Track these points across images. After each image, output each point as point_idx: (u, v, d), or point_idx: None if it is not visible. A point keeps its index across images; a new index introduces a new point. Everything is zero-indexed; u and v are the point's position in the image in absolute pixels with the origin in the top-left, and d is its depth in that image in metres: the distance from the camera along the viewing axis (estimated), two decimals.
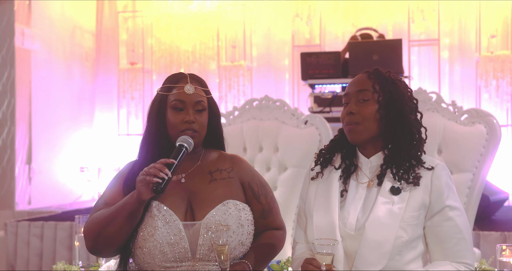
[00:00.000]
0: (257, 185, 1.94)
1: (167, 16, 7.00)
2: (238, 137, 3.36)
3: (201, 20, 6.89)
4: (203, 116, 1.87)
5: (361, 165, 1.88)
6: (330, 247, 1.60)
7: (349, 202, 1.83)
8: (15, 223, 4.60)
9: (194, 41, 6.88)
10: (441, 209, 1.78)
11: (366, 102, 1.82)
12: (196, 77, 1.94)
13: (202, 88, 1.90)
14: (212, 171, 1.90)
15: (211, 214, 1.80)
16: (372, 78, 1.85)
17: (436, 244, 1.79)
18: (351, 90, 1.86)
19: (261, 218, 1.92)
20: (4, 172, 5.65)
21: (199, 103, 1.86)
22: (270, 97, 3.39)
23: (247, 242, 1.85)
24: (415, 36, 6.47)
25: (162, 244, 1.76)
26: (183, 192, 1.85)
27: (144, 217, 1.79)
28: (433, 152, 2.97)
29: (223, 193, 1.86)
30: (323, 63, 4.25)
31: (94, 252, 1.83)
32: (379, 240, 1.73)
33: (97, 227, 1.77)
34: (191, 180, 1.88)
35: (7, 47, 5.71)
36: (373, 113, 1.81)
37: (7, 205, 5.61)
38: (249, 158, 3.34)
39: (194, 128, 1.83)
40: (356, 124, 1.81)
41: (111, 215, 1.76)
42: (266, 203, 1.94)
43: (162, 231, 1.76)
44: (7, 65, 5.69)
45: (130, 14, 7.17)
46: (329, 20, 6.57)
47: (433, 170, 1.81)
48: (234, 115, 3.43)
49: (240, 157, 2.02)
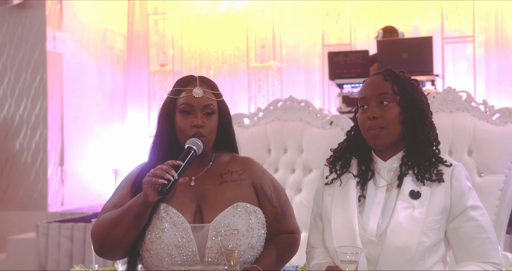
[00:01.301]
0: (270, 188, 1.89)
1: (196, 17, 7.01)
2: (262, 138, 3.31)
3: (230, 21, 6.87)
4: (212, 120, 1.83)
5: (378, 169, 1.83)
6: (354, 255, 1.54)
7: (368, 207, 1.78)
8: (46, 225, 4.65)
9: (223, 42, 6.87)
10: (462, 211, 1.74)
11: (387, 105, 1.77)
12: (206, 80, 1.90)
13: (212, 92, 1.86)
14: (222, 173, 1.86)
15: (220, 217, 1.76)
16: (389, 80, 1.80)
17: (460, 245, 1.74)
18: (369, 94, 1.79)
19: (274, 221, 1.87)
20: (37, 174, 5.73)
21: (207, 106, 1.82)
22: (294, 98, 3.34)
23: (257, 245, 1.79)
24: (449, 34, 6.31)
25: (169, 246, 1.72)
26: (193, 194, 1.82)
27: (151, 219, 1.76)
28: (462, 153, 2.87)
29: (234, 195, 1.81)
30: (351, 62, 4.17)
31: (101, 255, 1.80)
32: (401, 246, 1.68)
33: (104, 229, 1.75)
34: (201, 183, 1.85)
35: (39, 51, 5.79)
36: (397, 116, 1.76)
37: (41, 207, 5.70)
38: (274, 160, 3.29)
39: (202, 133, 1.80)
40: (381, 128, 1.75)
41: (117, 217, 1.74)
42: (279, 206, 1.88)
43: (169, 233, 1.73)
44: (39, 69, 5.77)
45: (160, 16, 7.20)
46: (360, 19, 6.46)
47: (452, 172, 1.76)
48: (258, 117, 3.38)
49: (253, 159, 1.96)
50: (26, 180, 5.73)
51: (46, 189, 5.69)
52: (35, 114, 5.77)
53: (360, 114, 1.81)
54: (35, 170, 5.73)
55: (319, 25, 6.58)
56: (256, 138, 3.33)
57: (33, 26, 5.82)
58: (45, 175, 5.70)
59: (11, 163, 5.78)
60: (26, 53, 5.83)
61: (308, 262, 1.89)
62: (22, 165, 5.75)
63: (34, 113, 5.77)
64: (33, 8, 5.82)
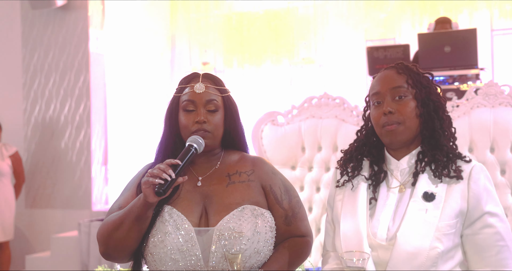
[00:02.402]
0: (280, 189, 1.80)
1: (238, 15, 6.98)
2: (296, 136, 3.25)
3: (272, 18, 6.81)
4: (215, 116, 1.76)
5: (391, 169, 1.73)
6: (360, 261, 1.46)
7: (379, 209, 1.69)
8: (88, 223, 4.72)
9: (265, 39, 6.81)
10: (480, 216, 1.62)
11: (404, 99, 1.67)
12: (210, 76, 1.83)
13: (215, 87, 1.79)
14: (231, 173, 1.79)
15: (225, 220, 1.68)
16: (402, 73, 1.70)
17: (475, 253, 1.63)
18: (383, 88, 1.69)
19: (284, 224, 1.78)
20: (82, 173, 5.82)
21: (210, 102, 1.76)
22: (329, 95, 3.26)
23: (264, 250, 1.70)
24: (498, 25, 6.04)
25: (172, 250, 1.66)
26: (199, 196, 1.76)
27: (155, 222, 1.71)
28: (505, 150, 2.73)
29: (241, 197, 1.73)
30: (391, 57, 4.04)
31: (106, 257, 1.76)
32: (412, 251, 1.58)
33: (107, 231, 1.72)
34: (208, 183, 1.78)
35: (82, 52, 5.88)
36: (414, 111, 1.67)
37: (85, 205, 5.78)
38: (308, 158, 3.22)
39: (205, 129, 1.73)
40: (398, 124, 1.65)
41: (119, 218, 1.70)
42: (289, 209, 1.79)
43: (172, 237, 1.67)
44: (83, 70, 5.86)
45: (202, 14, 7.21)
46: (405, 13, 6.28)
47: (470, 173, 1.64)
48: (292, 114, 3.32)
49: (263, 159, 1.88)
50: (71, 179, 5.83)
51: (90, 187, 5.77)
52: (79, 114, 5.86)
53: (373, 110, 1.71)
54: (79, 169, 5.82)
55: (361, 20, 6.44)
56: (290, 136, 3.27)
57: (77, 27, 5.91)
58: (89, 174, 5.79)
59: (57, 162, 5.89)
60: (70, 54, 5.93)
61: (322, 266, 1.81)
62: (67, 164, 5.85)
63: (78, 113, 5.86)
64: (76, 10, 5.91)
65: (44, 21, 5.98)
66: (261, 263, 1.71)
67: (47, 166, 5.90)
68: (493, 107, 2.80)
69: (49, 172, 5.90)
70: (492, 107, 2.80)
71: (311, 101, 3.29)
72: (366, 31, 6.43)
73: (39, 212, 5.88)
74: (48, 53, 5.98)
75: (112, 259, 1.78)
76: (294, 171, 3.21)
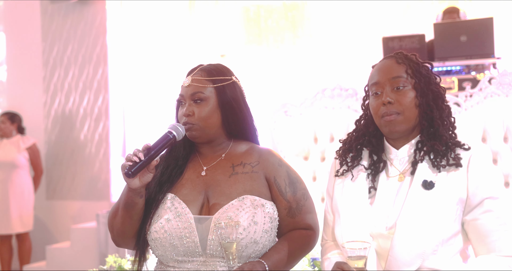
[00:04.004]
0: (285, 181, 1.79)
1: (256, 7, 6.97)
2: (309, 127, 3.26)
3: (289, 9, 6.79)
4: (201, 107, 1.78)
5: (390, 158, 1.72)
6: (362, 250, 1.46)
7: (379, 198, 1.68)
8: (106, 214, 4.77)
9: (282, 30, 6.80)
10: (480, 201, 1.60)
11: (403, 89, 1.67)
12: (208, 67, 1.84)
13: (206, 78, 1.80)
14: (235, 164, 1.80)
15: (224, 209, 1.71)
16: (402, 63, 1.69)
17: (479, 239, 1.61)
18: (382, 78, 1.69)
19: (288, 216, 1.78)
20: (100, 165, 5.90)
21: (194, 94, 1.78)
22: (341, 86, 3.25)
23: (262, 240, 1.71)
24: None
25: (172, 237, 1.71)
26: (202, 185, 1.79)
27: (158, 209, 1.76)
28: None
29: (243, 188, 1.75)
30: (406, 47, 4.00)
31: (115, 244, 1.84)
32: (412, 239, 1.58)
33: (109, 219, 1.82)
34: (212, 173, 1.80)
35: (100, 45, 5.94)
36: (413, 101, 1.66)
37: (104, 197, 5.85)
38: (320, 149, 3.22)
39: (191, 122, 1.77)
40: (397, 114, 1.65)
41: (115, 207, 1.80)
42: (293, 201, 1.78)
43: (172, 223, 1.71)
44: (101, 63, 5.92)
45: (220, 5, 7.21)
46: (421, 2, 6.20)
47: (469, 159, 1.63)
48: (305, 105, 3.32)
49: (271, 150, 1.86)
50: (90, 170, 5.91)
51: (108, 179, 5.84)
52: (98, 107, 5.93)
53: (372, 100, 1.71)
54: (98, 161, 5.89)
55: (376, 11, 6.38)
56: (302, 127, 3.28)
57: (95, 20, 5.97)
58: (108, 166, 5.86)
59: (76, 154, 5.97)
60: (89, 47, 5.99)
61: (321, 255, 1.81)
62: (87, 156, 5.93)
63: (97, 106, 5.93)
64: (95, 3, 5.97)
65: (63, 14, 6.05)
66: (259, 253, 1.72)
67: (66, 158, 5.99)
68: (507, 97, 2.77)
69: (68, 164, 5.99)
70: (506, 96, 2.77)
71: (324, 92, 3.29)
72: (382, 21, 6.37)
73: (59, 203, 5.98)
74: (67, 46, 6.05)
75: (120, 245, 1.85)
76: (307, 162, 3.22)
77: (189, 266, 1.72)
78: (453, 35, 3.95)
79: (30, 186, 5.40)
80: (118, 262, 2.20)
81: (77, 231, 4.97)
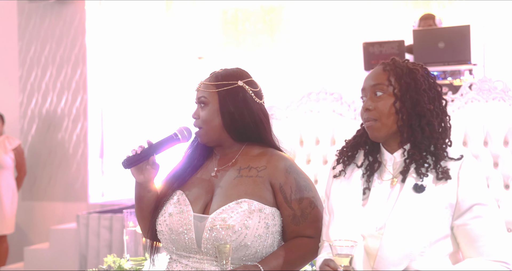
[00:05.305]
0: (291, 189, 1.81)
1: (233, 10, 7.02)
2: (294, 129, 3.31)
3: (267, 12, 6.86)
4: (204, 111, 1.86)
5: (385, 161, 1.77)
6: (349, 248, 1.51)
7: (371, 200, 1.74)
8: (86, 215, 4.77)
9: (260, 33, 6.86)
10: (470, 207, 1.65)
11: (381, 96, 1.71)
12: (218, 72, 1.90)
13: (210, 83, 1.87)
14: (242, 167, 1.85)
15: (221, 210, 1.77)
16: (387, 70, 1.73)
17: (468, 243, 1.66)
18: (366, 85, 1.75)
19: (293, 223, 1.81)
20: (78, 165, 5.87)
21: (199, 98, 1.88)
22: (326, 89, 3.32)
23: (254, 244, 1.74)
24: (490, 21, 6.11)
25: (172, 231, 1.81)
26: (211, 186, 1.87)
27: (165, 204, 1.87)
28: (499, 144, 2.80)
29: (244, 191, 1.79)
30: (386, 52, 4.11)
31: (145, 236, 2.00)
32: (400, 240, 1.63)
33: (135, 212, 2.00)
34: (221, 175, 1.88)
35: (79, 45, 5.92)
36: (389, 108, 1.69)
37: (82, 198, 5.84)
38: (306, 152, 3.28)
39: (197, 125, 1.89)
40: (374, 120, 1.71)
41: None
42: (298, 209, 1.80)
43: (174, 219, 1.82)
44: (80, 63, 5.90)
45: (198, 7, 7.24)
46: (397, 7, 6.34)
47: (460, 165, 1.68)
48: (291, 108, 3.38)
49: (284, 156, 1.88)
50: (68, 171, 5.88)
51: (86, 180, 5.83)
52: (76, 108, 5.90)
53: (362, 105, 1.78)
54: (76, 162, 5.87)
55: (355, 16, 6.49)
56: (288, 130, 3.33)
57: (74, 20, 5.94)
58: (86, 167, 5.84)
59: (53, 155, 5.94)
60: (67, 47, 5.96)
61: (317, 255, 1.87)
62: (64, 157, 5.90)
63: (75, 106, 5.90)
64: (73, 2, 5.94)
65: (40, 14, 6.00)
66: (253, 257, 1.77)
67: (44, 159, 5.94)
68: (487, 103, 2.88)
69: (46, 164, 5.95)
70: (486, 102, 2.88)
71: (309, 96, 3.35)
72: (361, 26, 6.48)
73: (36, 205, 5.93)
74: (45, 46, 6.01)
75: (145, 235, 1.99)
76: None
77: (187, 261, 1.81)
78: (432, 42, 4.07)
79: (14, 188, 5.35)
80: (117, 262, 2.22)
81: (56, 232, 4.95)
